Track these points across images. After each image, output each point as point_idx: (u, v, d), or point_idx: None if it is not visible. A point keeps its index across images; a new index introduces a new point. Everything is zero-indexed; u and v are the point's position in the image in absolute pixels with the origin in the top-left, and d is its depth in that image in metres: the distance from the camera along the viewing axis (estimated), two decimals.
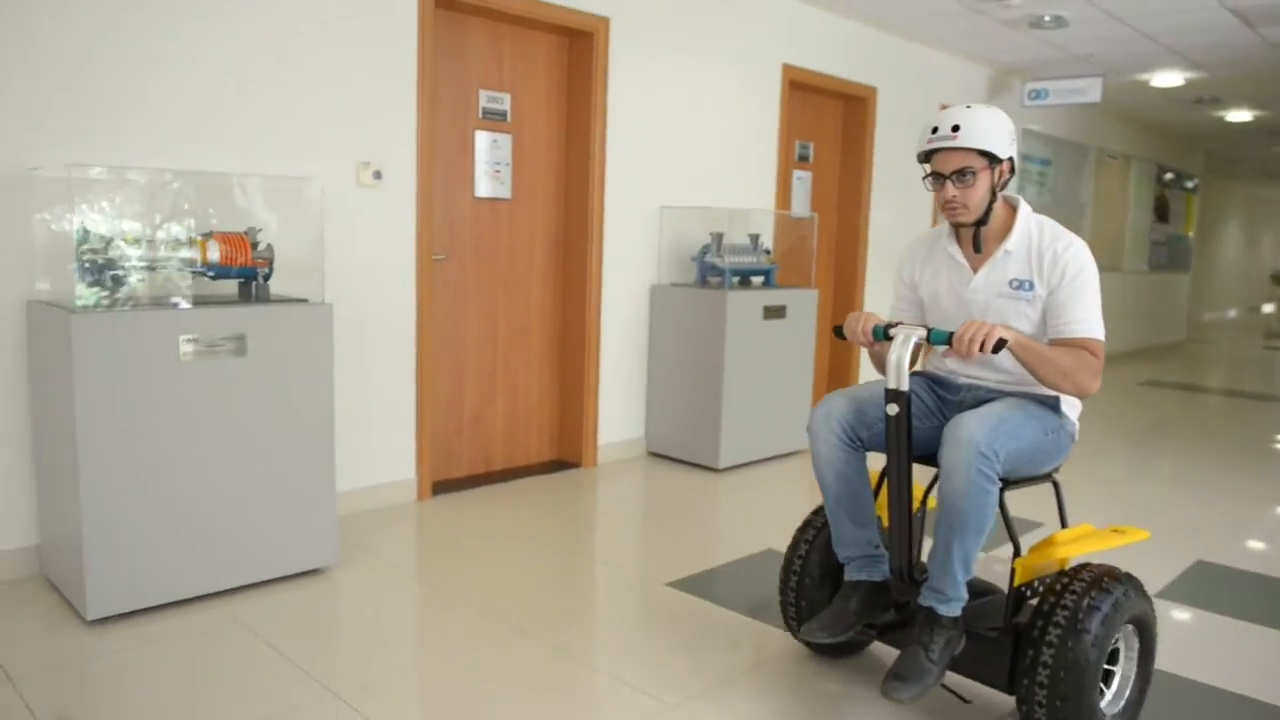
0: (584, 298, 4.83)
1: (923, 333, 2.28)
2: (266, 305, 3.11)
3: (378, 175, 3.90)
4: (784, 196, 6.01)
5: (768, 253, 5.36)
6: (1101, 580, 2.26)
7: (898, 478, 2.35)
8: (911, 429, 2.33)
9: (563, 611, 3.14)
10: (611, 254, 4.88)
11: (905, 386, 2.27)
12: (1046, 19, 6.11)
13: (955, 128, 2.35)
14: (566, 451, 5.00)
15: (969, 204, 2.40)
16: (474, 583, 3.30)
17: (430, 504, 4.19)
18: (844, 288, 6.78)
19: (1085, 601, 2.20)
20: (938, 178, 2.42)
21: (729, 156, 5.52)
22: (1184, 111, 9.83)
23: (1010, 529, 2.38)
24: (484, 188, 4.52)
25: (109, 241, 2.91)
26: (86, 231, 2.89)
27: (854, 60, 6.33)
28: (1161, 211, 12.14)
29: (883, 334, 2.34)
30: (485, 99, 4.48)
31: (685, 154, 5.23)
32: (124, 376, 2.79)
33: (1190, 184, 13.25)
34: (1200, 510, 4.56)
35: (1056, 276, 2.38)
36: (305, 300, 3.25)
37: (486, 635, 2.88)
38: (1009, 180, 2.45)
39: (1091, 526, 2.55)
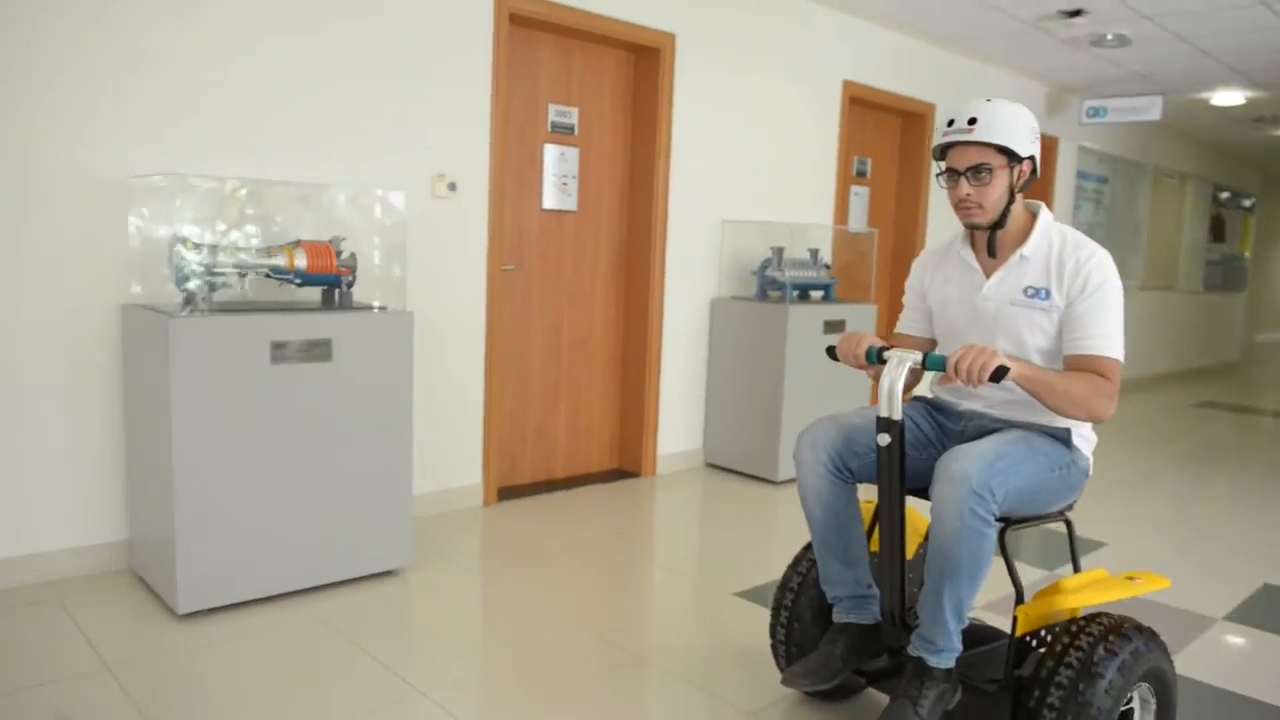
0: (646, 309, 4.89)
1: (917, 357, 2.10)
2: (351, 312, 3.20)
3: (452, 187, 3.99)
4: (842, 211, 6.05)
5: (827, 267, 5.39)
6: (1118, 629, 2.07)
7: (889, 513, 2.18)
8: (905, 460, 2.16)
9: (635, 619, 3.18)
10: (673, 267, 4.94)
11: (898, 415, 2.09)
12: (1109, 37, 6.10)
13: (972, 121, 2.19)
14: (626, 461, 5.06)
15: (984, 203, 2.23)
16: (545, 588, 3.36)
17: (496, 510, 4.26)
18: (901, 303, 6.77)
19: (1097, 652, 2.00)
20: (952, 174, 2.25)
21: (789, 171, 5.56)
22: (1243, 130, 9.73)
23: (1012, 572, 2.19)
24: (551, 200, 4.60)
25: (203, 248, 3.01)
26: (182, 238, 3.00)
27: (913, 77, 6.35)
28: (1217, 230, 11.99)
29: (876, 357, 2.17)
30: (554, 113, 4.57)
31: (746, 168, 5.28)
32: (217, 379, 2.88)
33: (1247, 203, 13.08)
34: (1263, 534, 4.52)
35: (1077, 287, 2.20)
36: (387, 308, 3.34)
37: (564, 640, 2.94)
38: (1029, 181, 2.28)
39: (1105, 572, 2.32)
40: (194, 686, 2.56)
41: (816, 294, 5.25)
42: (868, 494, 2.34)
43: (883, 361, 2.15)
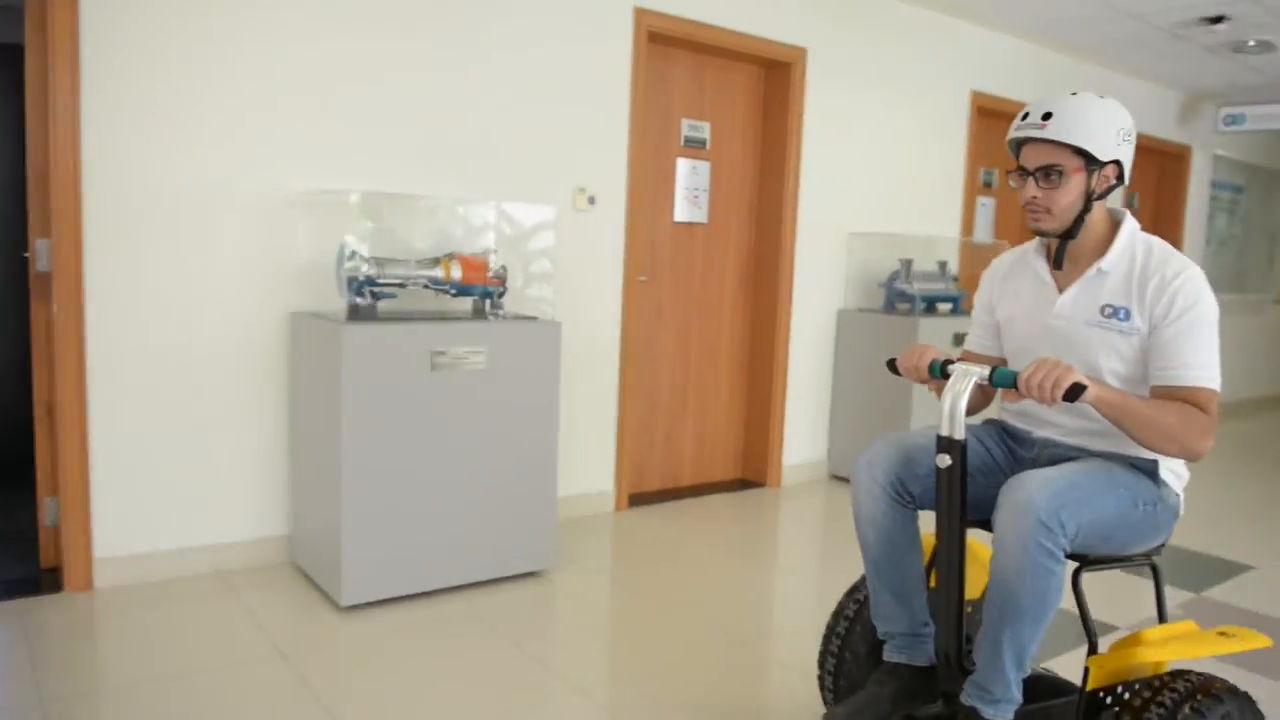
0: (773, 321, 4.93)
1: (984, 371, 1.89)
2: (503, 322, 3.33)
3: (592, 200, 4.11)
4: (969, 223, 5.98)
5: (955, 279, 5.35)
6: (1207, 689, 1.84)
7: (948, 542, 1.97)
8: (967, 485, 1.95)
9: (772, 625, 3.23)
10: (800, 278, 4.97)
11: (960, 434, 1.89)
12: (1251, 44, 5.90)
13: (1046, 116, 1.98)
14: (751, 471, 5.10)
15: (1053, 208, 2.02)
16: (683, 593, 3.44)
17: (627, 515, 4.36)
18: None
19: (1182, 712, 1.78)
20: (1022, 173, 2.06)
21: (916, 183, 5.54)
22: None
23: (1085, 618, 1.96)
24: (682, 212, 4.69)
25: (369, 260, 3.18)
26: (350, 251, 3.17)
27: (1041, 86, 6.24)
28: None
29: (940, 371, 1.98)
30: (687, 127, 4.66)
31: (874, 180, 5.28)
32: (382, 383, 3.04)
33: None
34: None
35: (1163, 309, 1.95)
36: (536, 318, 3.47)
37: (707, 643, 3.00)
38: (1112, 189, 2.06)
39: (1194, 625, 2.07)
40: (361, 674, 2.70)
41: (944, 306, 5.21)
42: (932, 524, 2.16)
43: (946, 376, 1.96)
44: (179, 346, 3.24)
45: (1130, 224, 2.10)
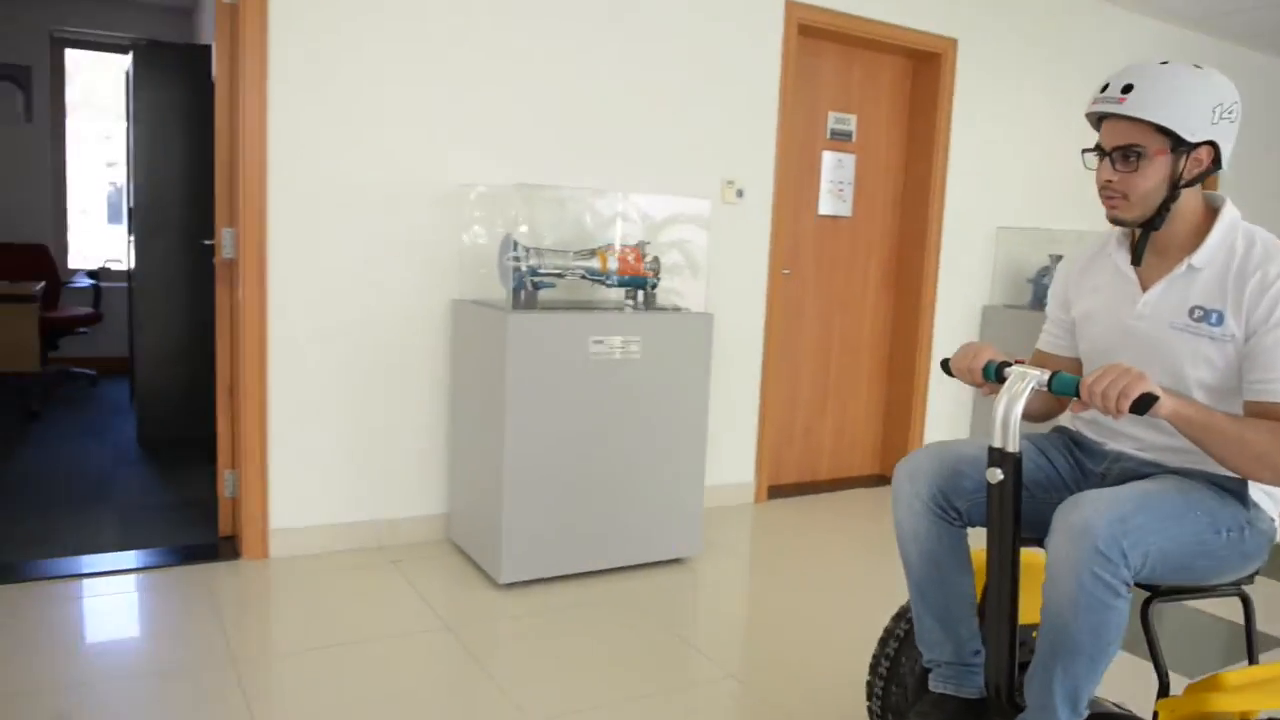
0: (916, 316, 4.87)
1: (1043, 376, 1.69)
2: (657, 313, 3.40)
3: (740, 193, 4.14)
4: None
5: None
6: None
7: (998, 565, 1.76)
8: (1021, 502, 1.74)
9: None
10: (946, 273, 4.90)
11: (1014, 445, 1.69)
12: None
13: (1127, 89, 1.74)
14: (888, 467, 5.06)
15: (1130, 195, 1.79)
16: (829, 586, 3.45)
17: (767, 507, 4.39)
18: None
19: None
20: (1100, 153, 1.82)
21: (1067, 177, 5.36)
22: None
23: (1156, 656, 1.79)
24: (827, 206, 4.67)
25: (531, 251, 3.29)
26: (514, 242, 3.28)
27: None
28: None
29: (995, 374, 1.79)
30: (833, 120, 4.63)
31: (1023, 173, 5.15)
32: (543, 370, 3.15)
33: None
34: None
35: (1263, 312, 1.70)
36: (688, 309, 3.53)
37: (841, 637, 3.01)
38: (1206, 174, 1.80)
39: None
40: (521, 647, 2.81)
41: None
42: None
43: (1001, 380, 1.76)
44: (349, 330, 3.42)
45: (1230, 213, 1.84)
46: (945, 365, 1.90)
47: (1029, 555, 1.83)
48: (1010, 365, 1.77)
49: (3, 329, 5.16)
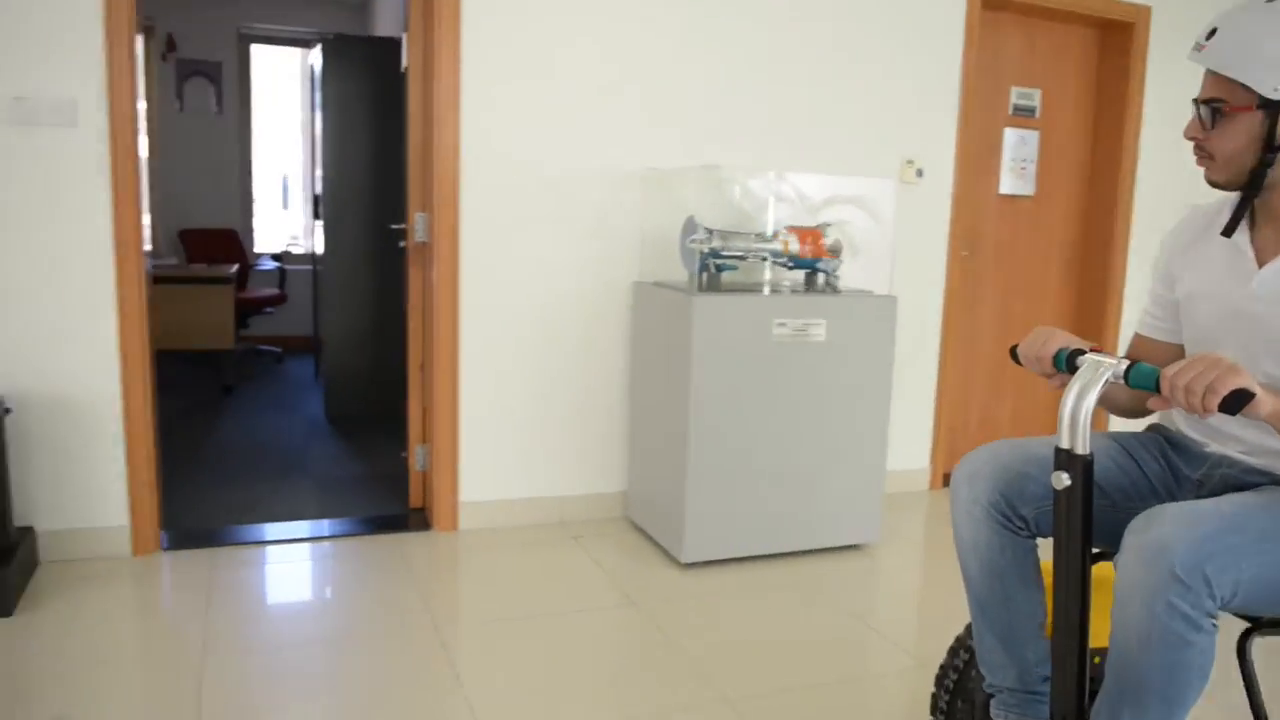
0: (1103, 299, 4.66)
1: (1120, 366, 1.47)
2: (840, 295, 3.35)
3: (920, 173, 4.04)
4: None
5: None
6: None
7: (1066, 584, 1.52)
8: (1092, 511, 1.50)
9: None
10: (1136, 255, 4.66)
11: (1083, 448, 1.46)
12: None
13: (1211, 34, 1.52)
14: None
15: (1215, 153, 1.58)
16: None
17: (942, 494, 4.29)
18: None
19: None
20: (1196, 105, 1.61)
21: None
22: None
23: (1254, 698, 1.55)
24: (1007, 184, 4.51)
25: (714, 233, 3.30)
26: (696, 224, 3.29)
27: None
28: None
29: (1066, 363, 1.57)
30: (1016, 95, 4.46)
31: None
32: (727, 353, 3.15)
33: None
34: None
35: None
36: (871, 292, 3.47)
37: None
38: None
39: None
40: (707, 624, 2.83)
41: None
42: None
43: (1073, 370, 1.54)
44: (533, 311, 3.51)
45: None
46: (1014, 352, 1.67)
47: (1107, 570, 1.64)
48: (1084, 353, 1.55)
49: (202, 309, 5.51)
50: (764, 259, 3.38)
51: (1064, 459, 1.48)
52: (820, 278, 3.45)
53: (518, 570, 3.20)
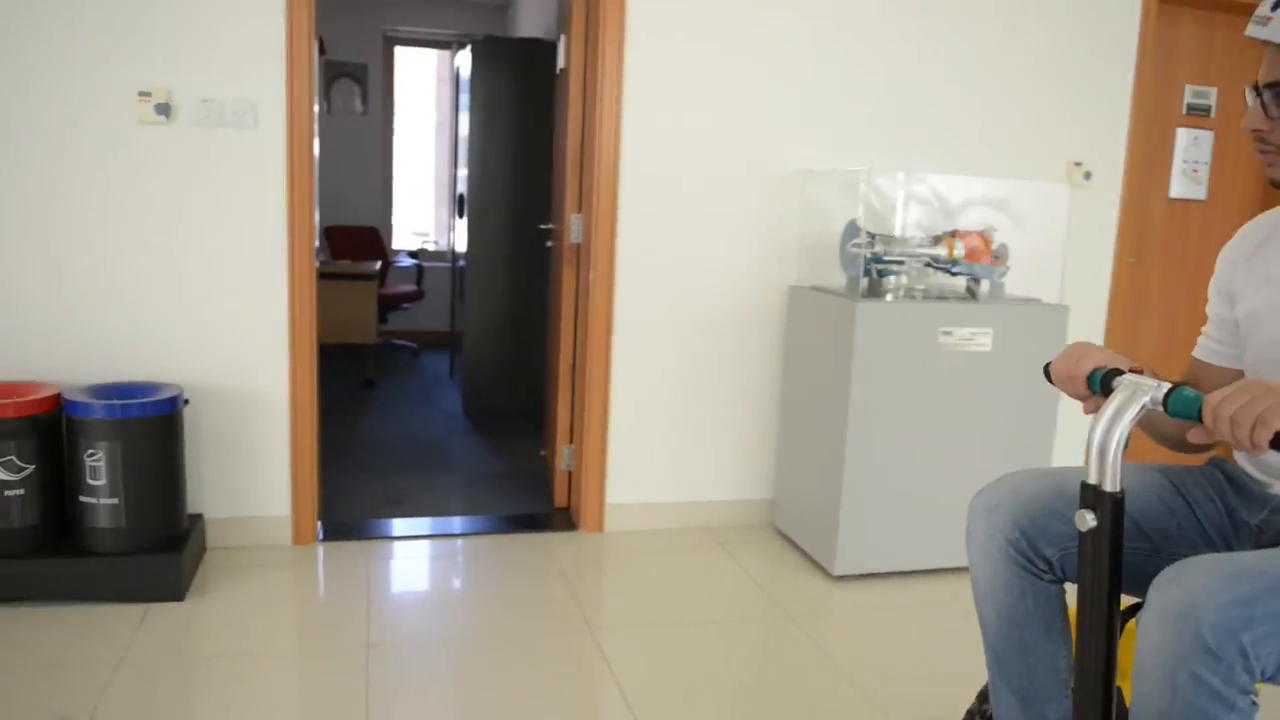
0: None
1: (1159, 391, 1.25)
2: (1008, 303, 3.22)
3: (1088, 176, 3.86)
4: None
5: None
6: None
7: (1091, 638, 1.32)
8: (1122, 556, 1.29)
9: None
10: None
11: (1113, 483, 1.26)
12: None
13: (1277, 4, 1.30)
14: None
15: None
16: None
17: None
18: None
19: None
20: (1255, 91, 1.37)
21: None
22: None
23: None
24: (1179, 188, 4.27)
25: (876, 237, 3.20)
26: (858, 228, 3.21)
27: None
28: None
29: (1100, 385, 1.36)
30: (1190, 94, 4.22)
31: None
32: (889, 361, 3.06)
33: None
34: None
35: None
36: (1039, 300, 3.32)
37: None
38: None
39: None
40: (867, 643, 2.75)
41: None
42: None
43: (1108, 392, 1.33)
44: (687, 314, 3.47)
45: None
46: (1047, 371, 1.47)
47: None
48: (1123, 374, 1.33)
49: (349, 305, 5.66)
50: (927, 264, 3.27)
51: (1090, 496, 1.28)
52: (984, 284, 3.32)
53: (668, 575, 3.17)
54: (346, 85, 7.30)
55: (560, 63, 3.79)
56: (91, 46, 2.87)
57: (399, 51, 7.55)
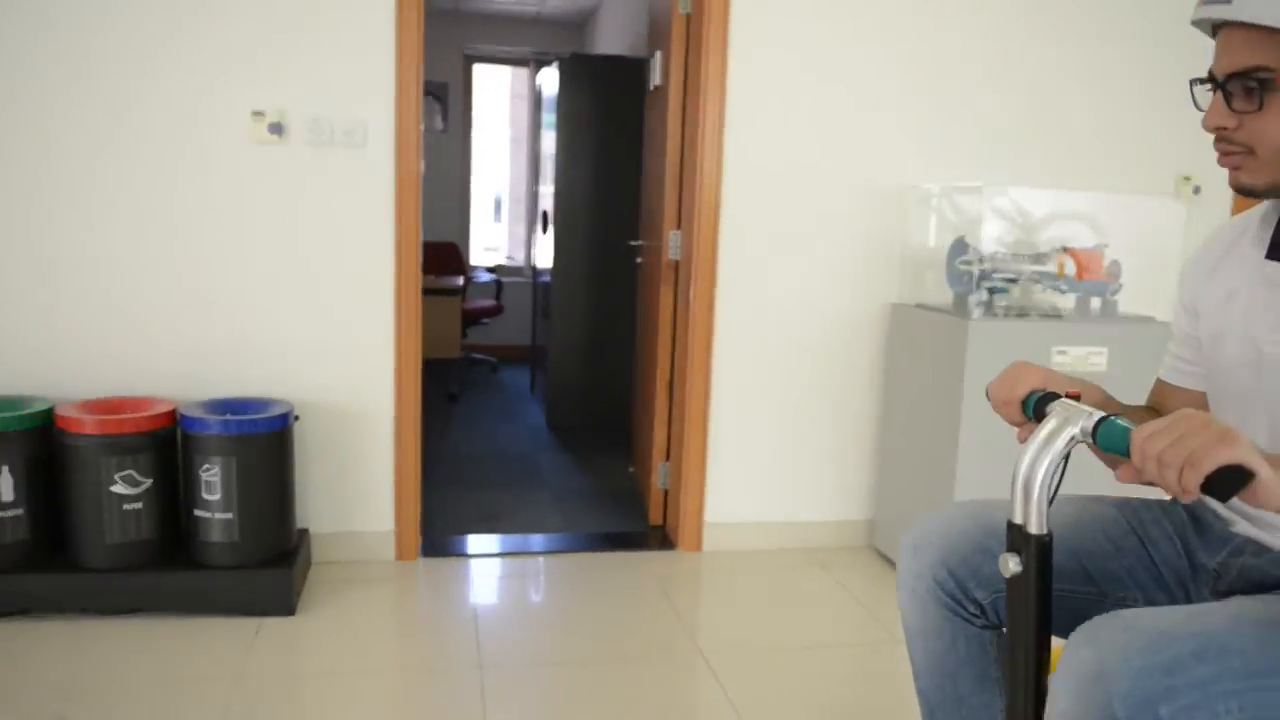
0: None
1: (1090, 421, 1.09)
2: (1123, 322, 3.14)
3: (1197, 190, 3.75)
4: None
5: None
6: None
7: (1021, 692, 1.16)
8: (1051, 604, 1.15)
9: None
10: None
11: (1038, 525, 1.13)
12: None
13: None
14: None
15: (1257, 146, 1.14)
16: None
17: None
18: None
19: None
20: (1212, 84, 1.17)
21: None
22: None
23: None
24: None
25: (985, 255, 3.14)
26: (967, 245, 3.15)
27: None
28: None
29: (1034, 410, 1.23)
30: None
31: None
32: None
33: None
34: None
35: None
36: (1154, 318, 3.23)
37: None
38: None
39: None
40: None
41: None
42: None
43: (1039, 418, 1.20)
44: (785, 332, 3.44)
45: None
46: (989, 393, 1.33)
47: None
48: (1057, 399, 1.18)
49: (433, 319, 5.70)
50: (1037, 282, 3.19)
51: (1015, 537, 1.15)
52: (1095, 302, 3.24)
53: (772, 596, 3.13)
54: (428, 103, 7.39)
55: (655, 80, 3.79)
56: (211, 67, 2.93)
57: (477, 69, 7.63)
